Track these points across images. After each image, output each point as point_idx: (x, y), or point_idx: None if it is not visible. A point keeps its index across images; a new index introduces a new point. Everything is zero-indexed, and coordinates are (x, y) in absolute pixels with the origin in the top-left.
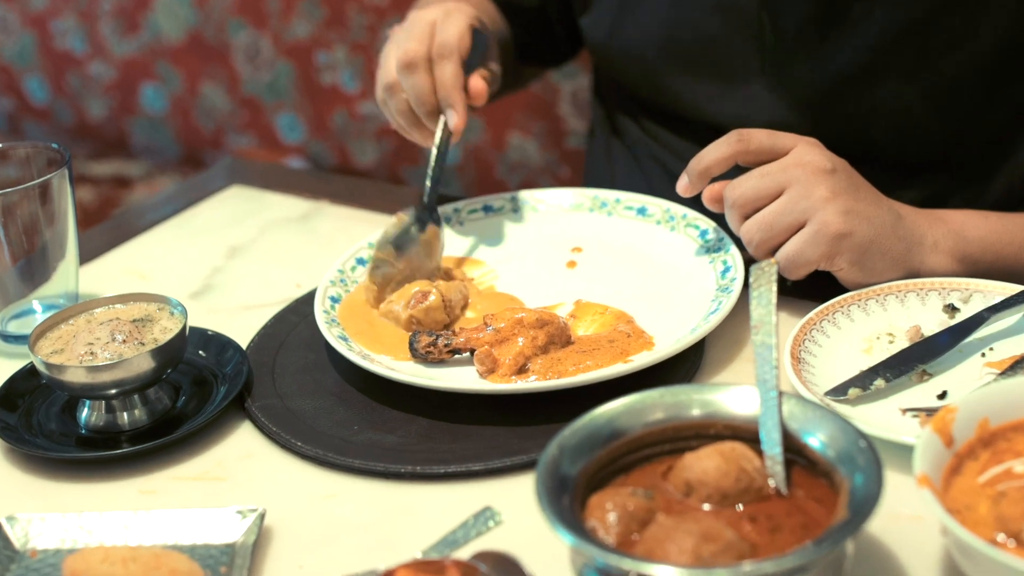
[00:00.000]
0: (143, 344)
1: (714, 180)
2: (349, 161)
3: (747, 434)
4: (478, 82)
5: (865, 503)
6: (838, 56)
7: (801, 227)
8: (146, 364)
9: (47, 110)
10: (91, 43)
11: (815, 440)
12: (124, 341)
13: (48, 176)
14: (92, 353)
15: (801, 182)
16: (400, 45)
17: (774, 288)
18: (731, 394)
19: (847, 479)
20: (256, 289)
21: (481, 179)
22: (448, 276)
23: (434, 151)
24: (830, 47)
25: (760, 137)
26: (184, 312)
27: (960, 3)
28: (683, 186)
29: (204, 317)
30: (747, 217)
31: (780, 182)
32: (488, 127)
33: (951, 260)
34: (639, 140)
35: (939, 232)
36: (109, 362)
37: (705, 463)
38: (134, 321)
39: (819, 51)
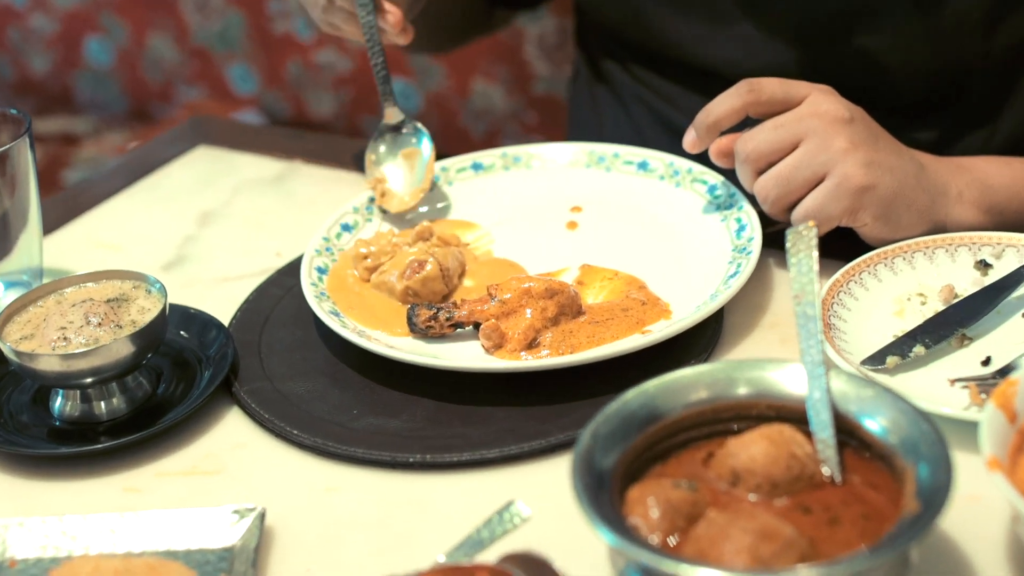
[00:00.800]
0: (120, 327)
1: (723, 133)
2: (305, 112)
3: (793, 414)
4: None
5: (936, 494)
6: None
7: (820, 181)
8: (125, 350)
9: None
10: None
11: (871, 422)
12: (100, 324)
13: (8, 145)
14: (65, 338)
15: (818, 133)
16: None
17: (814, 254)
18: (775, 371)
19: (911, 466)
20: (234, 259)
21: (444, 127)
22: (442, 242)
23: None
24: None
25: (772, 86)
26: (163, 290)
27: None
28: (690, 141)
29: (180, 291)
30: (761, 172)
31: (796, 133)
32: (450, 73)
33: (977, 211)
34: (626, 85)
35: (963, 181)
36: (85, 349)
37: (752, 449)
38: (109, 301)
39: None
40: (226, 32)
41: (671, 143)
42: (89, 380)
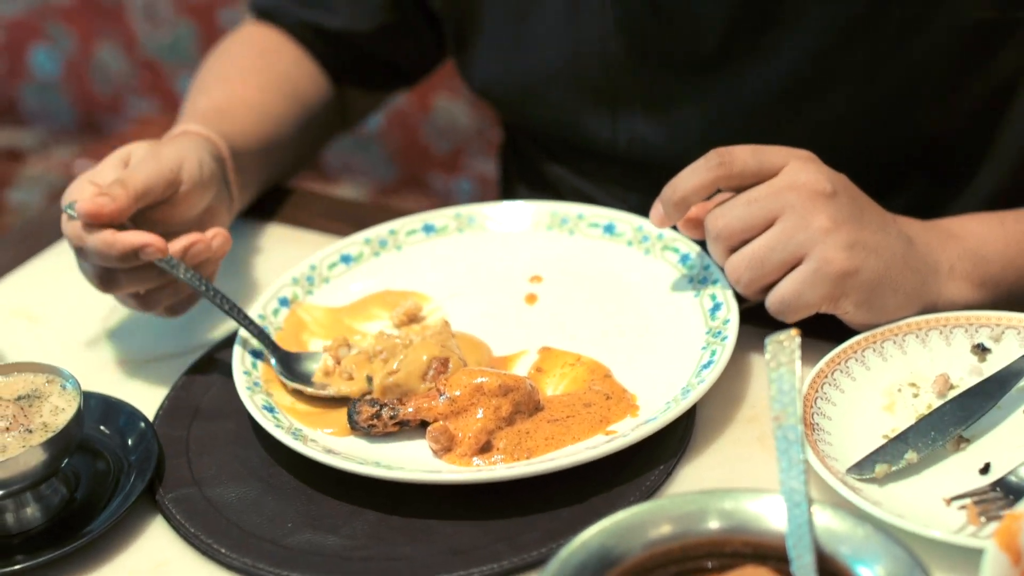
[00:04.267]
0: (30, 431)
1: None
2: None
3: (772, 552)
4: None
5: None
6: (776, 65)
7: (798, 263)
8: (36, 459)
9: None
10: None
11: (856, 565)
12: (8, 428)
13: None
14: None
15: (796, 209)
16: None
17: (797, 367)
18: (751, 503)
19: None
20: (164, 333)
21: (406, 146)
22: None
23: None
24: (764, 57)
25: (744, 157)
26: (77, 387)
27: None
28: (656, 217)
29: (103, 373)
30: (733, 250)
31: (771, 210)
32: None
33: (971, 286)
34: (556, 176)
35: (954, 254)
36: None
37: None
38: (19, 399)
39: (752, 63)
40: (177, 43)
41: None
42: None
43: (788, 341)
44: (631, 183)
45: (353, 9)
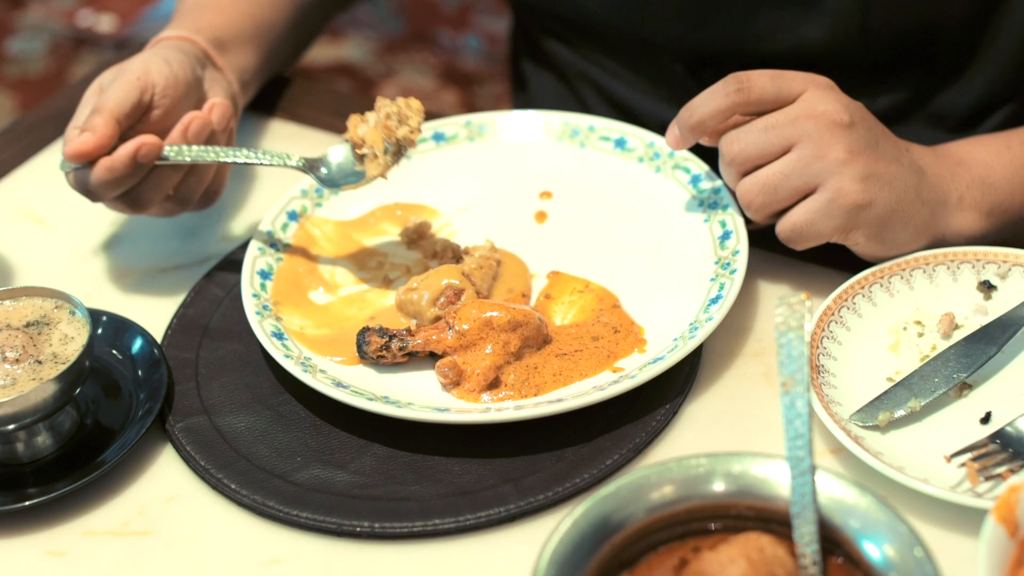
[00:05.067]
0: (40, 363)
1: None
2: None
3: (775, 517)
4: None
5: None
6: None
7: (811, 192)
8: (46, 393)
9: None
10: None
11: (861, 539)
12: (17, 360)
13: None
14: None
15: (813, 139)
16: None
17: (805, 332)
18: (756, 467)
19: None
20: (173, 240)
21: (414, 1)
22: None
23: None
24: None
25: (762, 83)
26: (86, 315)
27: None
28: (673, 139)
29: (111, 285)
30: (746, 174)
31: (788, 137)
32: None
33: (979, 216)
34: (568, 62)
35: (963, 184)
36: (1, 400)
37: (730, 571)
38: (27, 326)
39: None
40: None
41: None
42: (10, 427)
43: (798, 305)
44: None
45: None
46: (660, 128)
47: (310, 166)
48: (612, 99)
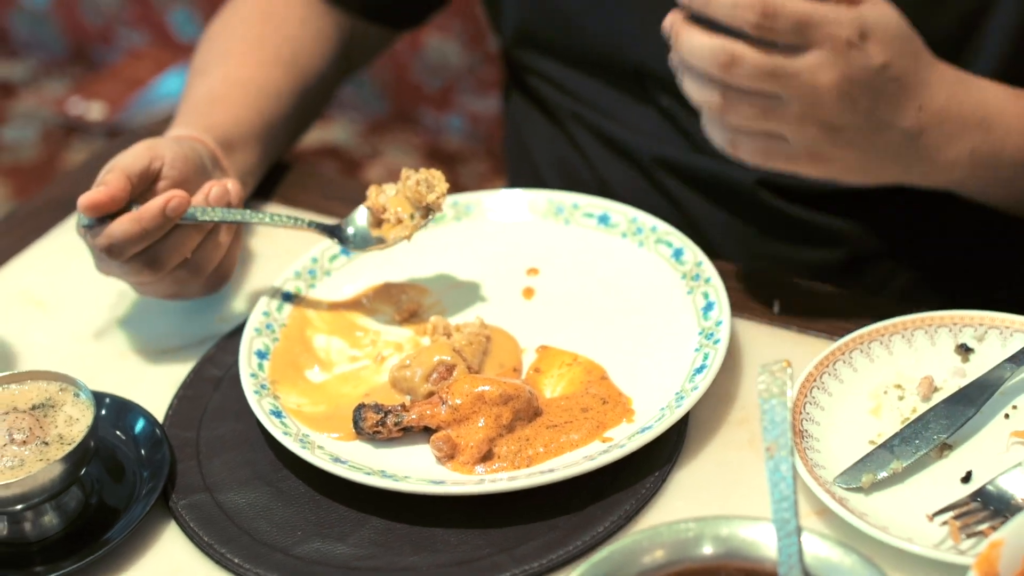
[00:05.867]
0: (46, 444)
1: None
2: None
3: None
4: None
5: None
6: None
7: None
8: (53, 473)
9: None
10: None
11: None
12: (24, 441)
13: None
14: None
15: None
16: None
17: (788, 398)
18: (743, 529)
19: None
20: (172, 323)
21: (397, 82)
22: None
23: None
24: None
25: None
26: (90, 397)
27: None
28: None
29: (113, 366)
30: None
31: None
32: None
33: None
34: (559, 103)
35: (964, 149)
36: (9, 479)
37: None
38: (33, 408)
39: None
40: None
41: (617, 162)
42: (18, 507)
43: (780, 372)
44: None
45: None
46: (651, 161)
47: (334, 231)
48: (604, 137)
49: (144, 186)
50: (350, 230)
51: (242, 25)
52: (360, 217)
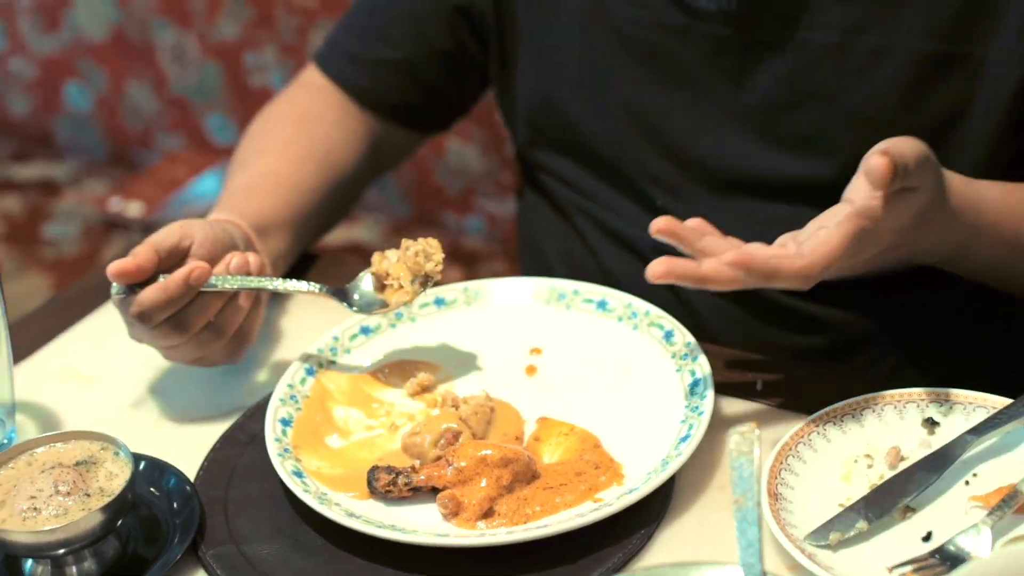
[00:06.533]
0: (88, 496)
1: None
2: None
3: None
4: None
5: None
6: (752, 86)
7: None
8: (94, 521)
9: None
10: (10, 39)
11: None
12: (68, 493)
13: None
14: (35, 508)
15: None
16: None
17: (755, 455)
18: (712, 573)
19: None
20: (203, 395)
21: (420, 185)
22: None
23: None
24: (746, 75)
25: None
26: (129, 455)
27: (876, 22)
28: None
29: (148, 433)
30: None
31: None
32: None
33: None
34: (565, 197)
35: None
36: (54, 525)
37: None
38: (77, 464)
39: (732, 81)
40: (203, 83)
41: (618, 253)
42: (61, 552)
43: (748, 433)
44: (637, 194)
45: (414, 39)
46: (652, 252)
47: (343, 295)
48: (607, 230)
49: (173, 261)
50: (356, 295)
51: (279, 124)
52: (365, 282)
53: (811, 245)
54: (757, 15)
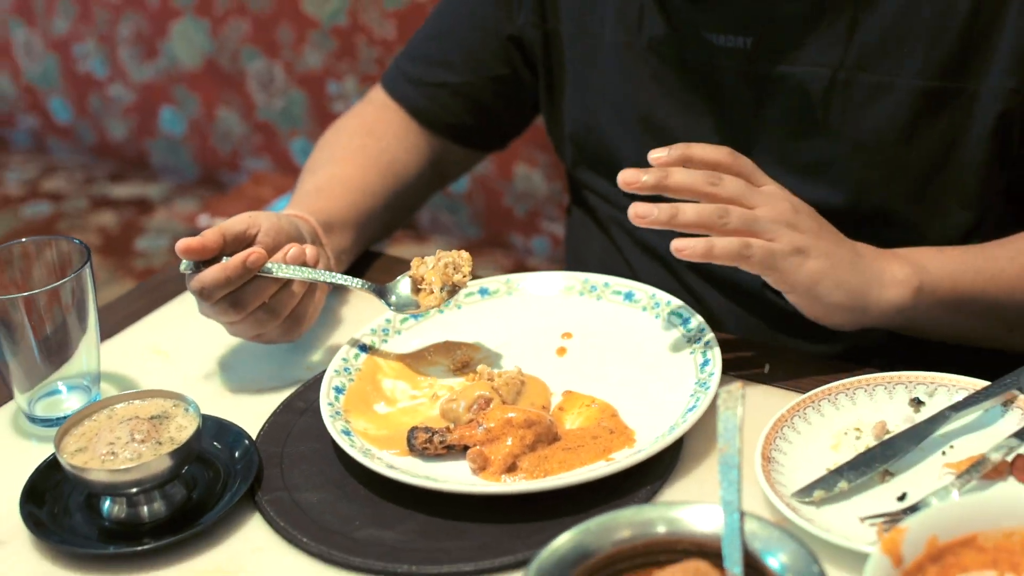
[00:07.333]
0: (160, 444)
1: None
2: None
3: (712, 550)
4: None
5: None
6: (763, 114)
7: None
8: (163, 465)
9: (70, 129)
10: (111, 67)
11: (774, 560)
12: (143, 440)
13: (75, 273)
14: (113, 453)
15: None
16: None
17: (740, 411)
18: (697, 512)
19: None
20: (268, 369)
21: (489, 208)
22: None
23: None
24: (758, 106)
25: (734, 188)
26: (197, 411)
27: (877, 61)
28: (656, 156)
29: (218, 400)
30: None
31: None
32: (494, 158)
33: (908, 291)
34: (606, 211)
35: (897, 266)
36: (129, 465)
37: None
38: (151, 418)
39: (752, 108)
40: (289, 109)
41: (650, 263)
42: (134, 490)
43: (735, 391)
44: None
45: (471, 65)
46: (677, 262)
47: (382, 292)
48: (638, 240)
49: (239, 246)
50: (393, 295)
51: (348, 135)
52: (403, 285)
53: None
54: (768, 52)
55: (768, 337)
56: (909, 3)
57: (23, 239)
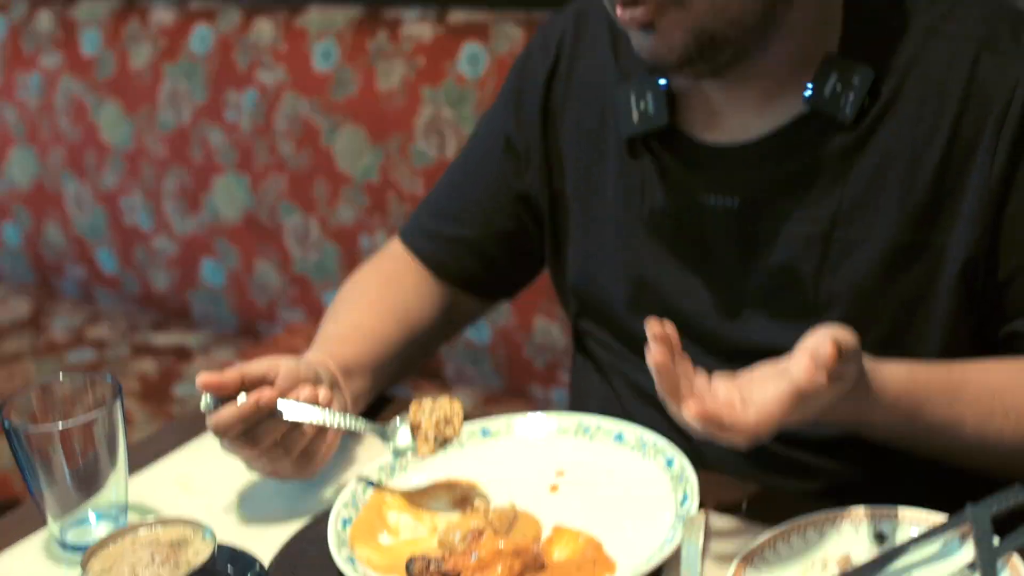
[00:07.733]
0: (177, 567)
1: None
2: None
3: None
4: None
5: None
6: (745, 271)
7: None
8: None
9: (116, 279)
10: (156, 220)
11: None
12: (162, 562)
13: (105, 407)
14: (135, 574)
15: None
16: None
17: (700, 542)
18: None
19: None
20: (283, 502)
21: (510, 359)
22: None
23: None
24: (751, 262)
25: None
26: (213, 537)
27: (856, 215)
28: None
29: (235, 530)
30: None
31: None
32: (515, 311)
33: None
34: (605, 360)
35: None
36: None
37: None
38: (171, 544)
39: (735, 272)
40: (323, 263)
41: (642, 406)
42: None
43: (697, 520)
44: None
45: (482, 221)
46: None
47: (385, 435)
48: (636, 388)
49: (256, 386)
50: (391, 444)
51: (367, 285)
52: (402, 434)
53: (757, 406)
54: (755, 211)
55: (752, 476)
56: (880, 165)
57: (60, 377)
